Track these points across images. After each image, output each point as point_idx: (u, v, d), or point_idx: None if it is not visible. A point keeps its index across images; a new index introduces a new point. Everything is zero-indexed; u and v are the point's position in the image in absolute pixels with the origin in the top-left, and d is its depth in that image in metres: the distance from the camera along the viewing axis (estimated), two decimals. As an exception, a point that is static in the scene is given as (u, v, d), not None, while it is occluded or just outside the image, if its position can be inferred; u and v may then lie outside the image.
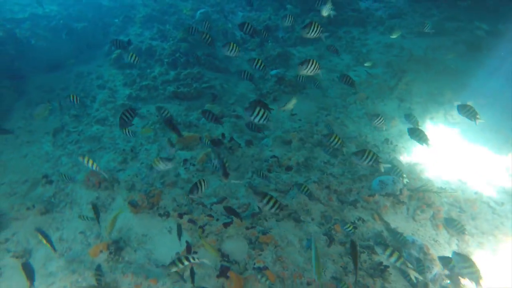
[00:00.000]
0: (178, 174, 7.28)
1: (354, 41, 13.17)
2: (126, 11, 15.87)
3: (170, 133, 8.32)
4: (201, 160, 7.43)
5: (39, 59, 11.88)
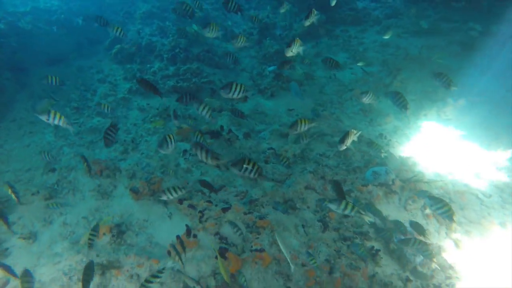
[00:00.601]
0: (178, 164, 7.51)
1: (351, 39, 13.43)
2: (126, 7, 16.06)
3: (171, 122, 8.56)
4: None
5: (41, 53, 12.04)
